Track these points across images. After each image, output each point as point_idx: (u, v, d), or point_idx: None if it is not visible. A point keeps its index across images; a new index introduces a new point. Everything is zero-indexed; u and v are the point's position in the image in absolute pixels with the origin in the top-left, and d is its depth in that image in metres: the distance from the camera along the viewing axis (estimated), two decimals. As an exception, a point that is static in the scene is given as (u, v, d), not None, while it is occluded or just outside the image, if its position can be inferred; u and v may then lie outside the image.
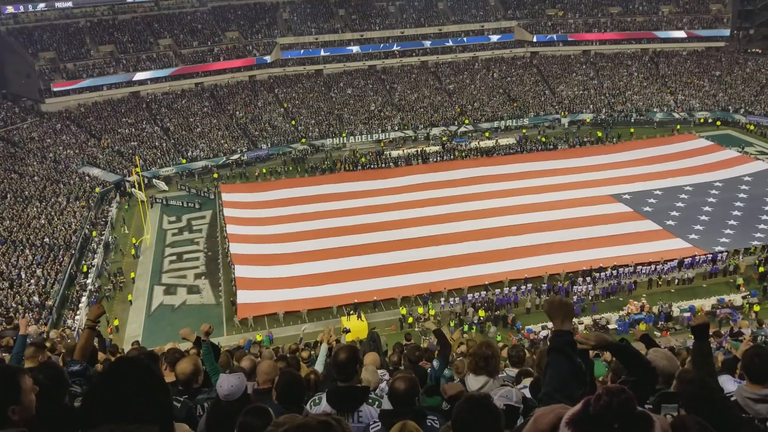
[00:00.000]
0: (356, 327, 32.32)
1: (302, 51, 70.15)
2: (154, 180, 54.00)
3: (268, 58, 67.89)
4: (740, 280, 36.31)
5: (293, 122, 63.73)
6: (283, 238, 43.83)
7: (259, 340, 29.18)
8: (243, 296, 36.62)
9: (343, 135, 62.46)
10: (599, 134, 60.50)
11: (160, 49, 65.88)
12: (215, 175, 55.51)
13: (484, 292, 36.43)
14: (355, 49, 70.76)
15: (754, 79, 66.67)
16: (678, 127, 61.59)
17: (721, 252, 38.93)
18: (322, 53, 70.29)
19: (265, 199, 49.94)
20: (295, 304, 36.04)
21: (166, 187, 53.62)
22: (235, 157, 58.44)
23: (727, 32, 71.35)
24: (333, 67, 70.40)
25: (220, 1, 71.45)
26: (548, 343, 3.90)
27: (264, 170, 56.28)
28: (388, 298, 36.43)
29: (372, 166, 56.59)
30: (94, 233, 43.96)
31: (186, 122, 61.85)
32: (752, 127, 60.71)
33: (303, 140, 61.43)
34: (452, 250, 40.82)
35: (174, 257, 43.17)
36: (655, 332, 32.66)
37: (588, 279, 37.02)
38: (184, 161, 57.19)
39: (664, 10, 73.09)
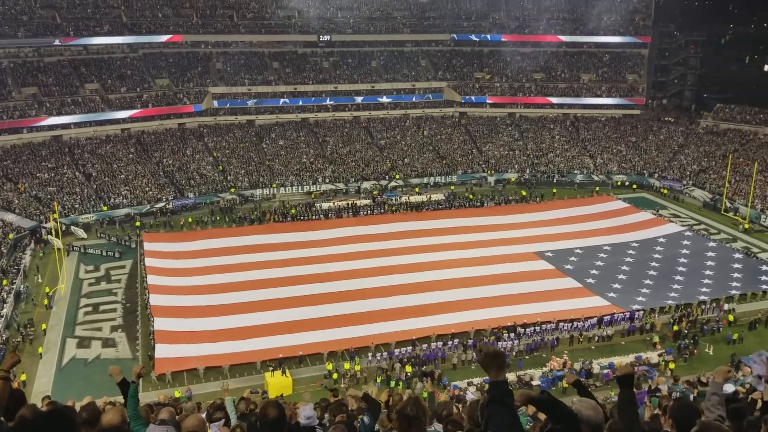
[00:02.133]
0: (280, 383, 31.51)
1: (235, 101, 69.99)
2: (72, 227, 51.84)
3: (199, 107, 67.33)
4: (656, 338, 37.59)
5: (221, 167, 63.02)
6: (207, 290, 42.62)
7: (178, 396, 27.93)
8: (162, 350, 35.11)
9: (274, 186, 62.13)
10: (524, 193, 62.52)
11: (87, 94, 64.31)
12: (138, 224, 53.82)
13: (412, 348, 36.28)
14: (288, 101, 71.19)
15: (667, 145, 70.84)
16: (597, 188, 64.43)
17: (638, 310, 40.34)
18: (255, 104, 70.36)
19: (190, 249, 48.63)
20: (216, 359, 34.82)
21: (84, 235, 51.52)
22: (160, 205, 57.00)
23: (642, 101, 75.92)
24: (265, 118, 70.48)
25: (152, 48, 70.77)
26: (487, 395, 3.90)
27: (190, 219, 55.02)
28: (314, 353, 35.74)
29: (302, 218, 56.31)
30: (4, 282, 41.50)
31: (110, 168, 60.09)
32: (666, 191, 64.14)
33: (232, 190, 60.67)
34: (380, 304, 40.69)
35: (90, 308, 41.15)
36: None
37: (513, 335, 37.52)
38: (105, 208, 55.28)
39: (585, 78, 77.26)
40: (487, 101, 75.20)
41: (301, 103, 71.74)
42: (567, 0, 79.47)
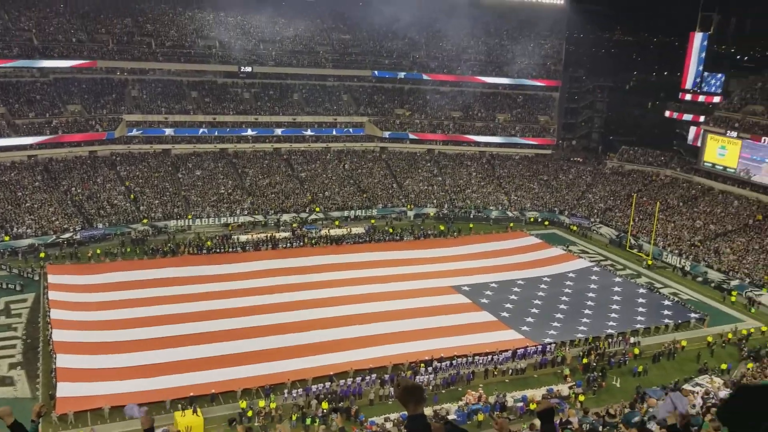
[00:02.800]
0: (191, 423, 30.30)
1: (150, 129, 68.15)
2: (-32, 257, 48.63)
3: (112, 134, 65.12)
4: (567, 371, 38.70)
5: (132, 196, 60.96)
6: (114, 325, 40.69)
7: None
8: (64, 389, 33.14)
9: (189, 217, 60.57)
10: (442, 228, 63.65)
11: (-10, 117, 61.05)
12: (42, 255, 51.07)
13: (329, 383, 35.80)
14: (207, 131, 70.03)
15: (576, 184, 74.10)
16: (511, 224, 66.44)
17: (550, 343, 41.51)
18: (172, 133, 68.74)
19: (97, 282, 46.46)
20: (123, 397, 33.02)
21: (-18, 266, 48.40)
22: (67, 235, 54.36)
23: (553, 141, 79.35)
24: (182, 147, 68.93)
25: (64, 73, 68.17)
26: (405, 429, 3.88)
27: (98, 251, 52.61)
28: (227, 391, 34.66)
29: (218, 250, 55.01)
30: None
31: (13, 196, 56.95)
32: (575, 228, 66.88)
33: (145, 220, 58.68)
34: (297, 339, 40.09)
35: (-16, 345, 38.47)
36: (491, 422, 33.67)
37: (429, 369, 37.72)
38: (7, 238, 52.17)
39: (500, 118, 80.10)
40: (409, 137, 76.57)
41: (219, 133, 70.67)
42: (485, 43, 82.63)
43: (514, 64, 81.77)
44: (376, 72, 79.82)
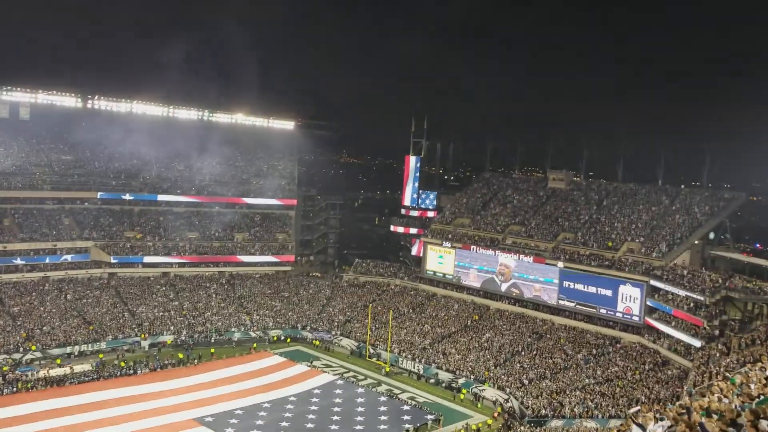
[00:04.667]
0: None
1: None
2: None
3: None
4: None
5: None
6: None
7: None
8: None
9: None
10: (180, 356, 60.07)
11: None
12: None
13: None
14: None
15: (317, 299, 76.12)
16: (255, 345, 65.27)
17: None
18: None
19: None
20: None
21: None
22: None
23: (292, 258, 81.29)
24: None
25: None
26: None
27: None
28: None
29: None
30: None
31: None
32: (317, 342, 67.97)
33: None
34: None
35: None
36: None
37: None
38: None
39: (238, 237, 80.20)
40: (143, 260, 72.50)
41: None
42: (220, 163, 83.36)
43: (250, 184, 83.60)
44: (101, 194, 75.36)
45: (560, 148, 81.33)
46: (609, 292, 60.44)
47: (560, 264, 63.98)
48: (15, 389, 50.38)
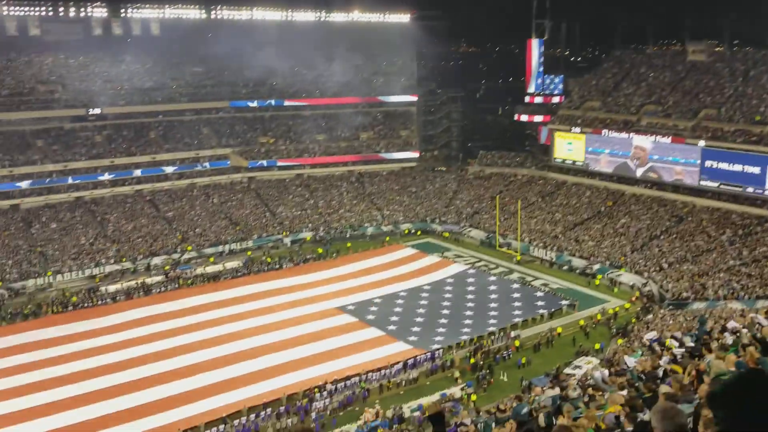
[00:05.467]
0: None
1: (-6, 185, 62.86)
2: None
3: (-51, 195, 59.47)
4: (457, 374, 39.89)
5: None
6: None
7: None
8: None
9: (49, 274, 56.28)
10: (320, 251, 63.59)
11: None
12: None
13: (223, 426, 34.54)
14: (57, 180, 65.65)
15: (443, 192, 76.85)
16: (387, 238, 67.63)
17: (437, 349, 42.60)
18: (19, 186, 63.78)
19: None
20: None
21: None
22: None
23: (416, 154, 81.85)
24: (32, 200, 64.10)
25: None
26: None
27: (-53, 324, 47.73)
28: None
29: (85, 305, 51.52)
30: None
31: None
32: (447, 234, 69.22)
33: (-1, 284, 53.95)
34: (184, 386, 38.40)
35: None
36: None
37: (325, 393, 37.46)
38: None
39: (363, 136, 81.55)
40: (277, 164, 76.03)
41: (72, 180, 66.46)
42: (340, 64, 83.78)
43: (371, 83, 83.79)
44: (234, 102, 78.73)
45: (700, 16, 74.14)
46: (757, 170, 56.17)
47: (702, 143, 59.88)
48: (177, 285, 55.95)
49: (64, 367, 40.79)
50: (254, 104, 79.68)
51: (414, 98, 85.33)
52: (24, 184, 64.01)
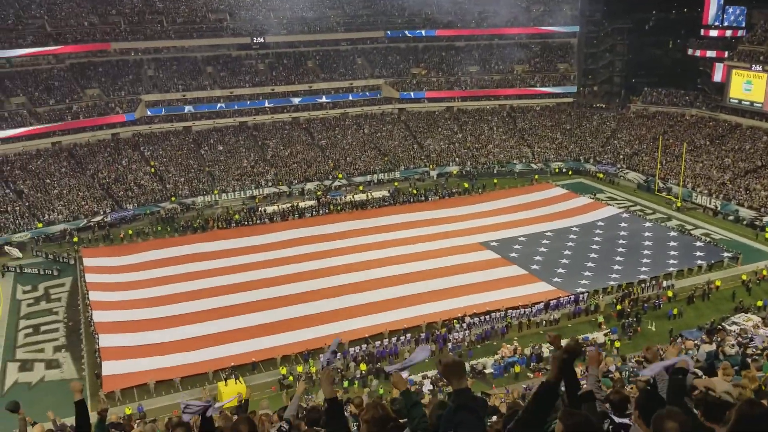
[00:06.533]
0: (235, 392, 31.06)
1: (169, 108, 68.43)
2: (6, 247, 49.79)
3: (132, 116, 65.58)
4: (601, 319, 38.78)
5: (152, 170, 61.58)
6: (152, 302, 41.66)
7: (129, 413, 27.27)
8: (109, 367, 34.18)
9: (215, 192, 61.11)
10: (466, 185, 63.36)
11: (12, 108, 61.78)
12: (75, 239, 52.12)
13: (365, 345, 36.36)
14: (225, 105, 70.14)
15: (600, 131, 72.97)
16: (536, 177, 65.81)
17: (582, 293, 41.47)
18: (191, 110, 68.97)
19: (132, 262, 47.40)
20: (167, 372, 34.12)
21: (20, 254, 49.53)
22: (98, 219, 55.29)
23: (574, 89, 77.91)
24: (202, 123, 69.21)
25: (80, 58, 68.53)
26: (452, 403, 3.97)
27: (130, 231, 53.57)
28: (267, 359, 35.42)
29: (246, 223, 55.61)
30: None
31: (42, 184, 57.93)
32: (602, 175, 66.07)
33: (173, 199, 59.37)
34: (331, 305, 40.65)
35: (30, 330, 39.66)
36: (528, 373, 34.06)
37: (464, 325, 38.04)
38: (40, 225, 53.28)
39: (518, 69, 78.76)
40: (425, 96, 75.83)
41: (237, 107, 70.73)
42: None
43: (529, 13, 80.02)
44: (389, 32, 78.81)
45: None
46: None
47: None
48: (327, 211, 58.50)
49: (228, 278, 44.60)
50: (411, 34, 79.24)
51: (575, 29, 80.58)
52: (195, 108, 69.05)
